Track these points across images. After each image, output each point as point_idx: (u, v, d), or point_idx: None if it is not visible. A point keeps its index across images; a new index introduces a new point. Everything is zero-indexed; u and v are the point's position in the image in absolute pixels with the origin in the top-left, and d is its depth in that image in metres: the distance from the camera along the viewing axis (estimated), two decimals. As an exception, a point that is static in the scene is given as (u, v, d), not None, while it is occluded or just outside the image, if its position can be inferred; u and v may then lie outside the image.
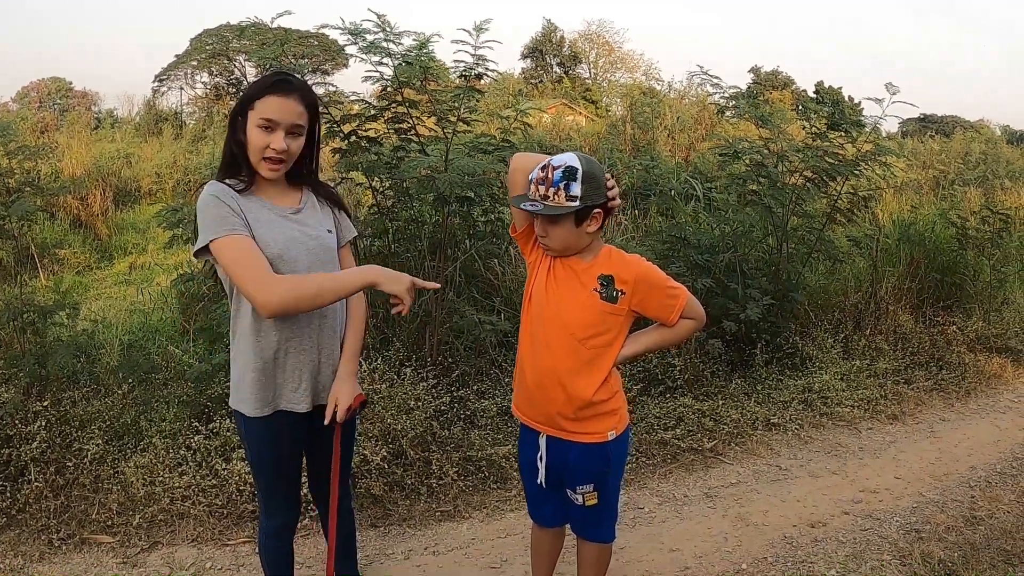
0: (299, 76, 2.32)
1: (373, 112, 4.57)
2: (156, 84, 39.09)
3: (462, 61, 4.40)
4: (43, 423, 3.71)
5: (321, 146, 4.87)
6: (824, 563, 3.30)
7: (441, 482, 3.70)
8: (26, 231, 4.57)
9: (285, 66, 4.29)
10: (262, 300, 2.03)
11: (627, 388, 4.60)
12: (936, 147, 19.42)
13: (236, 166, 2.21)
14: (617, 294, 2.25)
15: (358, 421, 2.54)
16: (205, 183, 2.33)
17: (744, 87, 8.22)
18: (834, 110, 6.31)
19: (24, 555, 3.23)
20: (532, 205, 2.17)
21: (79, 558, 3.24)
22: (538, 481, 2.42)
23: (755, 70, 50.51)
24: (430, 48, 4.42)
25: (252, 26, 4.57)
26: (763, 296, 5.26)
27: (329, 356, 2.30)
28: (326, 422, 2.23)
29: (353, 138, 4.54)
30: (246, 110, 2.15)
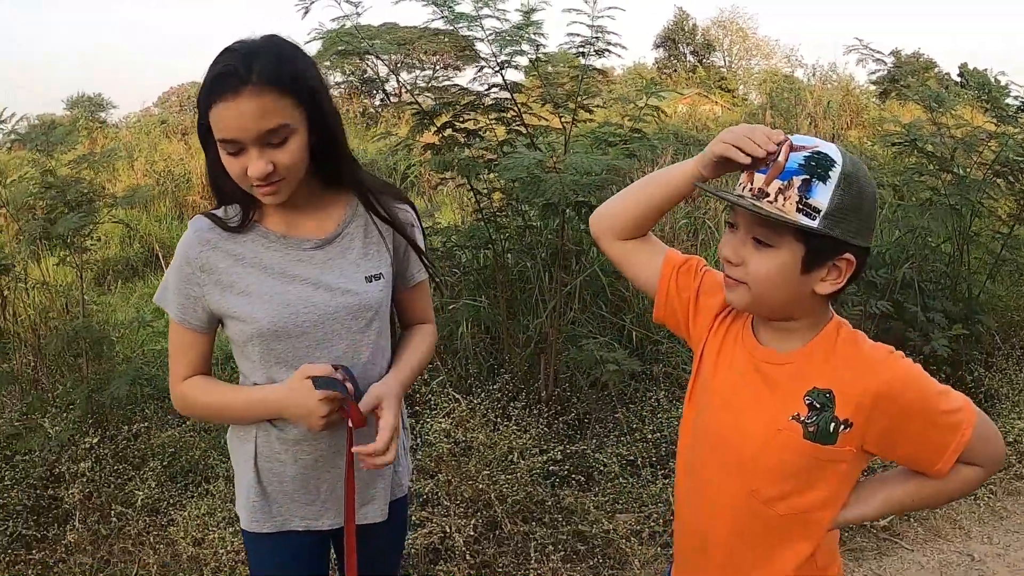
0: (256, 49, 1.37)
1: (470, 99, 3.82)
2: (291, 84, 40.51)
3: (576, 34, 3.62)
4: (91, 462, 3.26)
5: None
6: None
7: (541, 570, 2.88)
8: (96, 244, 4.30)
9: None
10: (174, 405, 1.63)
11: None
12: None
13: (224, 193, 1.52)
14: (837, 427, 1.21)
15: (409, 513, 1.82)
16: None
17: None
18: (980, 92, 5.23)
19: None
20: (734, 196, 1.21)
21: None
22: None
23: (896, 53, 47.29)
24: (539, 21, 3.64)
25: (383, 25, 4.21)
26: (949, 323, 4.25)
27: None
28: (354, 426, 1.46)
29: (449, 131, 3.82)
30: (207, 124, 1.40)
